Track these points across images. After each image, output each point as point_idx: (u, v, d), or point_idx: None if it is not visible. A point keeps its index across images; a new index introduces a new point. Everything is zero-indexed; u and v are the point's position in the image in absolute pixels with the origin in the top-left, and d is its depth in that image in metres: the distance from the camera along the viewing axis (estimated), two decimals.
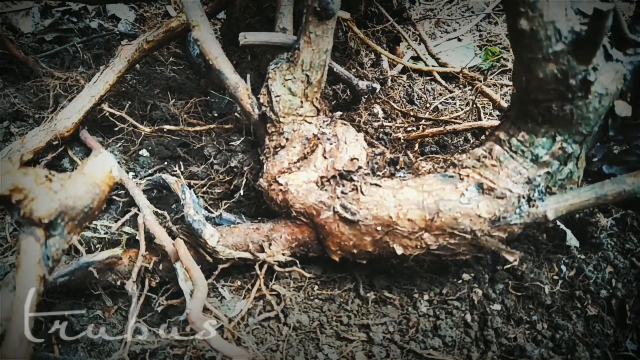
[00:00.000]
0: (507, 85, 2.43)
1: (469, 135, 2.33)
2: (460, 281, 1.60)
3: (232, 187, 1.84)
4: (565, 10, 1.15)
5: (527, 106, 1.29)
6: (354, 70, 2.26)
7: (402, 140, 2.05)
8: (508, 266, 1.44)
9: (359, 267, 1.63)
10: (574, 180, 1.40)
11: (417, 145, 2.16)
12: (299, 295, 1.58)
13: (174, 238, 1.56)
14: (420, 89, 2.62)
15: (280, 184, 1.53)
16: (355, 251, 1.47)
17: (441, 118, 2.24)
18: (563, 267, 1.61)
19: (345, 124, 1.66)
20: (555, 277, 1.59)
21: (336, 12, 1.44)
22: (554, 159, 1.33)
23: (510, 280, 1.59)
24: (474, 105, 2.23)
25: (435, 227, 1.37)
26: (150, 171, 2.03)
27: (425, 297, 1.57)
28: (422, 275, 1.62)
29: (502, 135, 1.37)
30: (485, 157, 1.38)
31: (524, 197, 1.34)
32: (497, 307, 1.53)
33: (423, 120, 2.28)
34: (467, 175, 1.38)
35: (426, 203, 1.37)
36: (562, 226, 1.70)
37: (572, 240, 1.66)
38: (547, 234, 1.72)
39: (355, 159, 1.55)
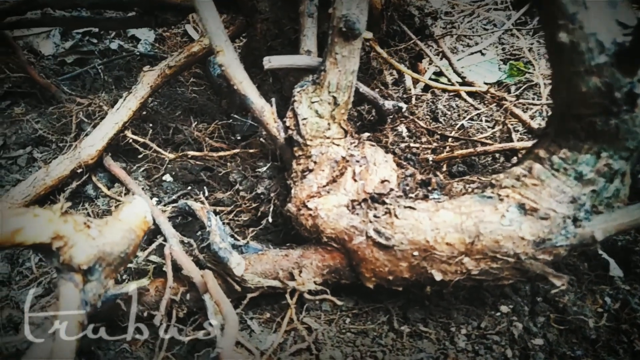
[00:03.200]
0: (535, 104, 2.36)
1: (497, 154, 2.26)
2: (498, 314, 1.52)
3: (259, 214, 1.79)
4: (607, 21, 1.09)
5: (568, 122, 1.23)
6: (377, 89, 2.22)
7: (431, 162, 1.99)
8: (555, 291, 1.36)
9: (392, 298, 1.57)
10: (621, 198, 1.32)
11: (444, 165, 2.10)
12: (331, 329, 1.51)
13: (200, 267, 1.52)
14: (445, 106, 2.57)
15: (310, 209, 1.48)
16: (390, 277, 1.41)
17: (470, 138, 2.18)
18: (607, 299, 1.53)
19: (373, 145, 1.61)
20: (600, 310, 1.51)
21: (362, 31, 1.40)
22: (599, 176, 1.25)
23: (551, 313, 1.51)
24: (505, 126, 2.16)
25: (476, 251, 1.30)
26: (174, 197, 2.00)
27: (463, 331, 1.49)
28: (459, 307, 1.55)
29: (541, 153, 1.31)
30: (525, 176, 1.31)
31: (569, 217, 1.27)
32: (538, 341, 1.45)
33: (449, 139, 2.22)
34: (507, 196, 1.31)
35: (465, 226, 1.31)
36: (605, 255, 1.62)
37: (615, 270, 1.58)
38: (588, 264, 1.65)
39: (386, 180, 1.50)
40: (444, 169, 2.09)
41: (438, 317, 1.53)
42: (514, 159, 2.14)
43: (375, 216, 1.40)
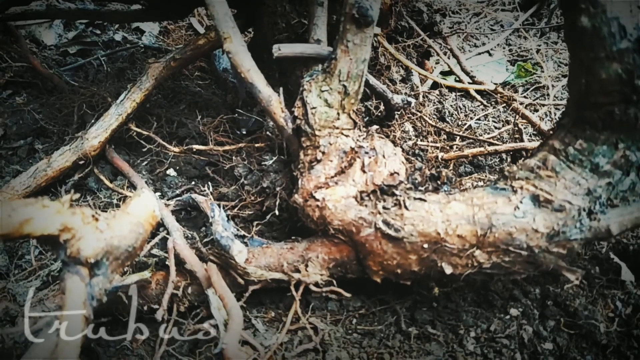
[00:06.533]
0: (545, 105, 2.33)
1: (504, 155, 2.23)
2: (508, 317, 1.48)
3: (264, 208, 1.75)
4: (629, 5, 1.06)
5: (585, 111, 1.20)
6: (384, 86, 2.18)
7: (440, 160, 1.96)
8: (569, 285, 1.32)
9: (399, 299, 1.54)
10: (637, 192, 1.29)
11: (451, 165, 2.06)
12: (338, 329, 1.47)
13: (203, 261, 1.48)
14: (452, 106, 2.54)
15: (317, 200, 1.44)
16: (399, 271, 1.37)
17: (478, 137, 2.15)
18: (618, 304, 1.49)
19: (382, 138, 1.58)
20: (611, 315, 1.47)
21: (375, 19, 1.37)
22: (615, 169, 1.22)
23: (562, 317, 1.47)
24: (515, 127, 2.13)
25: (487, 243, 1.26)
26: (177, 192, 1.96)
27: (472, 333, 1.45)
28: (467, 309, 1.51)
29: (556, 145, 1.27)
30: (539, 167, 1.28)
31: (584, 210, 1.23)
32: (548, 346, 1.41)
33: (457, 138, 2.19)
34: (521, 187, 1.28)
35: (477, 217, 1.27)
36: (617, 259, 1.58)
37: (627, 274, 1.55)
38: (600, 268, 1.61)
39: (395, 173, 1.47)
40: (451, 168, 2.06)
41: (446, 319, 1.49)
42: (534, 149, 2.10)
43: (384, 207, 1.36)
